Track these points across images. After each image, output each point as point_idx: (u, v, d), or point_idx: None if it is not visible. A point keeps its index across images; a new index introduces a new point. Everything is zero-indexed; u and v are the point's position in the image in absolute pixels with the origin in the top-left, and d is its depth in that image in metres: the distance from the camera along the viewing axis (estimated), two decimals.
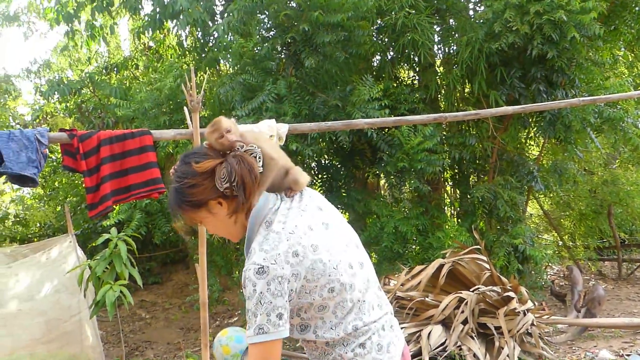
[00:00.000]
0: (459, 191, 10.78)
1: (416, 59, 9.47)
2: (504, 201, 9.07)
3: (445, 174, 10.46)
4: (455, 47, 9.35)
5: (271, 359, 2.12)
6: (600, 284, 10.04)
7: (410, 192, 9.97)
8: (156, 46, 12.49)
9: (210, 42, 10.29)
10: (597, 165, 12.14)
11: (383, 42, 9.54)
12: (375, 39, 9.48)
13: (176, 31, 10.71)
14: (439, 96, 9.99)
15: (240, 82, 8.56)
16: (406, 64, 10.41)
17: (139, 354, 9.45)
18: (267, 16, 9.11)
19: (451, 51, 9.81)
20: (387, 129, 8.88)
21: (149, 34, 10.99)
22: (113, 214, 9.17)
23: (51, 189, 14.21)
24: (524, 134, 10.63)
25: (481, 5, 9.70)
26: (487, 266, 7.35)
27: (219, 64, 10.67)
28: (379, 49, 9.64)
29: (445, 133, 9.78)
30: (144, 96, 9.69)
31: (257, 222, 2.26)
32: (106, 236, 6.60)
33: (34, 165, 4.78)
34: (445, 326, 6.83)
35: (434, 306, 7.05)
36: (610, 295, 10.01)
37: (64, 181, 13.67)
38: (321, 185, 9.79)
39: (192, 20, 9.01)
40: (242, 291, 9.14)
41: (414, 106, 8.98)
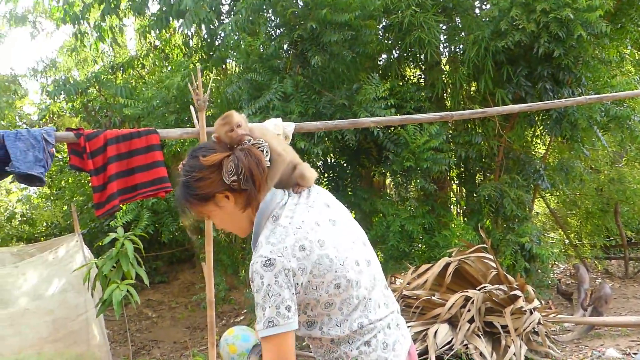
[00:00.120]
0: (465, 190, 10.77)
1: (422, 57, 9.46)
2: (510, 200, 9.06)
3: (452, 172, 10.44)
4: (462, 46, 9.34)
5: (285, 352, 2.10)
6: (607, 283, 10.00)
7: (416, 191, 9.96)
8: (162, 45, 12.49)
9: (216, 41, 10.29)
10: (603, 164, 12.11)
11: (389, 41, 9.53)
12: (381, 37, 9.48)
13: (182, 30, 10.72)
14: (445, 95, 9.97)
15: (247, 80, 8.56)
16: (412, 62, 10.40)
17: (145, 353, 9.46)
18: (274, 14, 9.10)
19: (457, 50, 9.79)
20: (392, 128, 8.87)
21: (155, 33, 11.00)
22: (120, 214, 9.20)
23: (58, 188, 14.24)
24: (530, 132, 10.61)
25: (487, 4, 9.69)
26: (493, 265, 7.33)
27: (225, 63, 10.68)
28: (385, 47, 9.64)
29: (451, 131, 9.76)
30: (152, 94, 9.70)
31: (264, 216, 2.27)
32: (113, 235, 6.61)
33: (41, 164, 4.78)
34: (452, 325, 6.82)
35: (440, 305, 7.04)
36: (617, 294, 9.98)
37: (70, 180, 13.69)
38: (327, 184, 9.78)
39: (198, 19, 9.02)
40: (248, 290, 9.16)
41: (420, 105, 8.97)
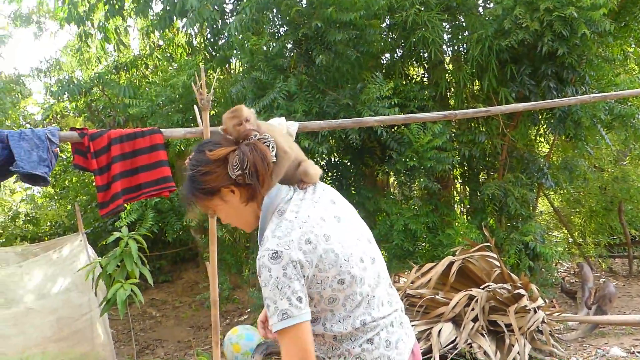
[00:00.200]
0: (468, 188, 10.76)
1: (425, 56, 9.46)
2: (514, 198, 9.05)
3: (455, 171, 10.44)
4: (465, 45, 9.33)
5: (305, 343, 2.10)
6: (611, 281, 9.99)
7: (420, 190, 9.95)
8: (165, 45, 12.50)
9: (220, 40, 10.29)
10: (607, 162, 12.10)
11: (393, 40, 9.53)
12: (384, 36, 9.47)
13: (185, 30, 10.72)
14: (449, 94, 9.97)
15: (252, 79, 8.57)
16: (415, 61, 10.40)
17: (149, 352, 9.46)
18: (279, 13, 9.10)
19: (461, 49, 9.79)
20: (396, 127, 8.87)
21: (158, 32, 11.00)
22: (124, 214, 9.22)
23: (61, 188, 14.25)
24: (533, 131, 10.60)
25: (490, 2, 9.68)
26: (497, 263, 7.33)
27: (229, 62, 10.68)
28: (389, 46, 9.64)
29: (454, 130, 9.76)
30: (157, 92, 9.70)
31: (269, 211, 2.28)
32: (117, 234, 6.61)
33: (45, 164, 4.79)
34: (456, 324, 6.81)
35: (444, 304, 7.04)
36: (621, 293, 9.96)
37: (74, 180, 13.71)
38: (331, 183, 9.77)
39: (202, 18, 9.02)
40: (252, 289, 9.14)
41: (423, 104, 8.97)
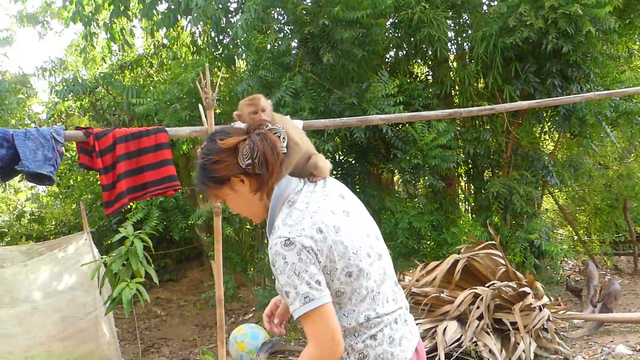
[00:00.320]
0: (473, 186, 10.76)
1: (430, 54, 9.45)
2: (519, 196, 9.04)
3: (460, 169, 10.43)
4: (470, 43, 9.32)
5: (332, 324, 2.10)
6: (616, 279, 9.97)
7: (425, 188, 9.95)
8: (170, 44, 12.51)
9: (225, 39, 10.29)
10: (612, 160, 12.08)
11: (398, 38, 9.52)
12: (389, 34, 9.46)
13: (190, 28, 10.73)
14: (453, 92, 9.96)
15: (258, 77, 8.57)
16: (420, 59, 10.39)
17: (154, 350, 9.48)
18: (285, 11, 9.10)
19: (465, 46, 9.78)
20: (400, 126, 8.87)
21: (162, 31, 11.00)
22: (131, 214, 9.23)
23: (66, 187, 14.26)
24: (538, 128, 10.59)
25: (495, 0, 9.67)
26: (502, 261, 7.32)
27: (234, 61, 10.69)
28: (395, 44, 9.63)
29: (459, 128, 9.74)
30: (165, 89, 9.71)
31: (279, 201, 2.29)
32: (122, 233, 6.62)
33: (50, 163, 4.80)
34: (461, 322, 6.81)
35: (449, 302, 7.03)
36: (627, 290, 9.94)
37: (79, 179, 13.72)
38: None
39: (206, 17, 9.01)
40: (256, 288, 9.13)
41: (427, 102, 8.97)
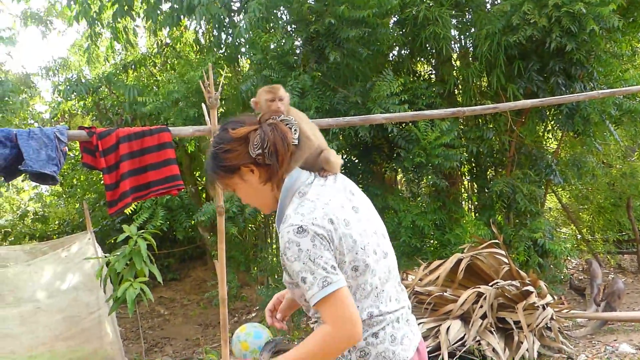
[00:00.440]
0: (476, 185, 10.76)
1: (433, 51, 9.44)
2: (522, 195, 9.03)
3: (463, 168, 10.43)
4: (473, 41, 9.31)
5: (351, 305, 2.09)
6: (620, 278, 9.96)
7: (428, 187, 9.94)
8: (173, 43, 12.51)
9: (228, 38, 10.29)
10: (615, 158, 12.06)
11: (402, 37, 9.52)
12: (392, 32, 9.46)
13: (194, 27, 10.73)
14: (456, 90, 9.96)
15: (263, 76, 8.57)
16: (423, 58, 10.39)
17: (158, 350, 9.48)
18: (289, 10, 9.09)
19: (468, 45, 9.78)
20: (404, 124, 8.87)
21: (166, 31, 11.00)
22: (136, 215, 9.24)
23: (70, 186, 14.27)
24: (542, 127, 10.58)
25: None
26: (505, 260, 7.32)
27: (238, 60, 10.69)
28: (399, 43, 9.64)
29: (462, 127, 9.75)
30: (171, 88, 9.72)
31: (289, 193, 2.30)
32: (126, 233, 6.62)
33: (53, 163, 4.79)
34: (464, 321, 6.80)
35: (452, 301, 7.03)
36: (630, 289, 9.93)
37: (82, 178, 13.73)
38: None
39: (209, 15, 9.01)
40: (260, 287, 9.12)
41: (431, 101, 8.96)
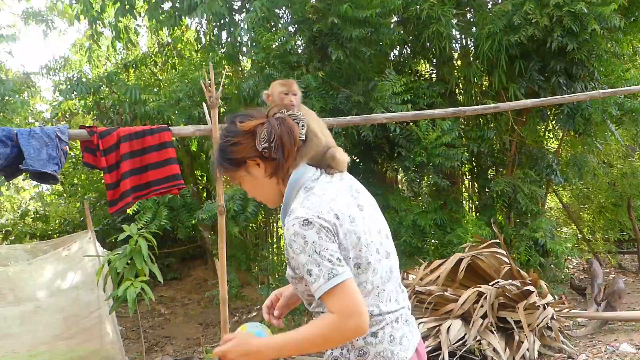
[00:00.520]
0: (477, 185, 10.76)
1: (434, 51, 9.44)
2: (523, 194, 9.04)
3: (464, 167, 10.42)
4: (474, 40, 9.31)
5: (358, 296, 2.08)
6: (621, 277, 9.95)
7: (428, 187, 9.94)
8: (174, 43, 12.51)
9: (229, 38, 10.30)
10: (616, 158, 12.05)
11: (403, 36, 9.53)
12: (391, 31, 9.46)
13: (195, 27, 10.73)
14: (457, 90, 9.96)
15: (265, 76, 8.57)
16: (424, 58, 10.39)
17: (158, 349, 9.47)
18: (292, 9, 9.08)
19: (469, 44, 9.78)
20: (405, 124, 8.87)
21: (167, 30, 11.00)
22: (138, 215, 9.25)
23: (70, 185, 14.27)
24: (542, 126, 10.58)
25: None
26: (506, 260, 7.32)
27: (239, 59, 10.69)
28: (401, 42, 9.64)
29: (463, 127, 9.74)
30: (176, 87, 9.73)
31: (296, 187, 2.30)
32: (127, 232, 6.62)
33: (54, 162, 4.81)
34: (465, 320, 6.80)
35: (453, 300, 7.02)
36: (631, 289, 9.92)
37: (83, 177, 13.73)
38: None
39: (211, 12, 9.00)
40: (260, 286, 9.12)
41: (432, 100, 8.96)
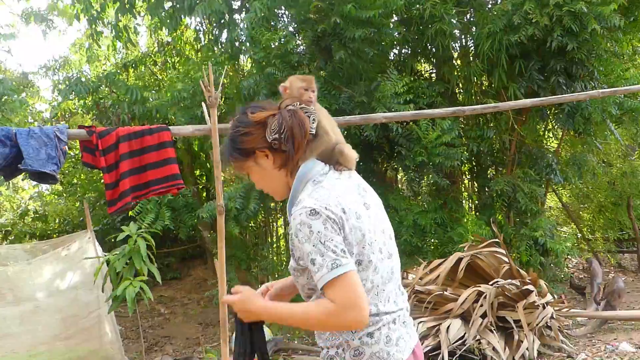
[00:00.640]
0: (477, 184, 10.75)
1: (434, 50, 9.44)
2: (523, 194, 9.04)
3: (464, 167, 10.42)
4: (475, 40, 9.32)
5: (359, 288, 2.08)
6: (620, 277, 9.95)
7: (428, 186, 9.94)
8: (174, 42, 12.51)
9: (230, 36, 10.30)
10: (616, 157, 12.06)
11: (405, 36, 9.53)
12: (393, 32, 9.46)
13: (195, 27, 10.72)
14: (457, 89, 9.96)
15: (267, 75, 8.57)
16: (424, 57, 10.39)
17: (158, 349, 9.47)
18: (295, 9, 9.08)
19: (469, 44, 9.78)
20: (405, 123, 8.87)
21: (166, 30, 11.00)
22: (141, 215, 9.25)
23: (70, 184, 14.27)
24: (542, 126, 10.58)
25: None
26: (505, 259, 7.32)
27: (238, 59, 10.69)
28: (402, 42, 9.65)
29: (463, 126, 9.75)
30: (181, 86, 9.73)
31: (304, 179, 2.30)
32: (126, 232, 6.61)
33: (53, 162, 4.80)
34: (464, 320, 6.80)
35: (452, 300, 7.03)
36: (630, 288, 9.93)
37: (82, 177, 13.73)
38: None
39: (211, 10, 8.99)
40: (260, 286, 9.11)
41: (432, 100, 8.97)
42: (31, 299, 7.49)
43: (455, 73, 9.67)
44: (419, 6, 8.68)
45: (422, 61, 10.72)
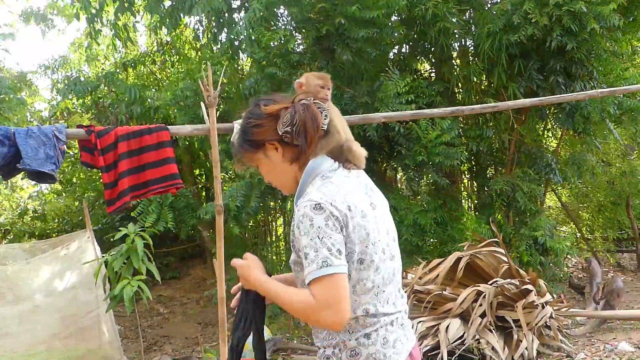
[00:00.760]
0: (476, 184, 10.76)
1: (437, 49, 9.44)
2: (522, 193, 9.04)
3: (463, 166, 10.42)
4: (475, 40, 9.31)
5: (343, 294, 2.07)
6: (619, 276, 9.94)
7: (428, 185, 9.94)
8: (173, 41, 12.50)
9: (229, 35, 10.29)
10: (615, 157, 12.05)
11: (405, 35, 9.52)
12: (393, 32, 9.46)
13: (193, 26, 10.70)
14: (457, 89, 9.96)
15: (267, 74, 8.57)
16: (424, 57, 10.39)
17: (157, 348, 9.47)
18: (297, 9, 9.07)
19: (469, 43, 9.78)
20: (404, 123, 8.87)
21: (166, 29, 10.99)
22: (142, 216, 9.24)
23: (69, 184, 14.26)
24: (541, 125, 10.58)
25: None
26: (505, 259, 7.31)
27: (238, 58, 10.69)
28: (403, 41, 9.65)
29: (462, 125, 9.75)
30: (183, 86, 9.72)
31: (312, 174, 2.30)
32: (124, 231, 6.60)
33: (52, 161, 4.79)
34: (464, 319, 6.80)
35: (451, 299, 7.02)
36: (629, 287, 9.93)
37: (81, 176, 13.73)
38: None
39: (210, 8, 8.98)
40: None
41: (431, 99, 8.96)
42: (30, 299, 7.49)
43: (455, 72, 9.67)
44: (421, 6, 8.67)
45: (422, 60, 10.71)
